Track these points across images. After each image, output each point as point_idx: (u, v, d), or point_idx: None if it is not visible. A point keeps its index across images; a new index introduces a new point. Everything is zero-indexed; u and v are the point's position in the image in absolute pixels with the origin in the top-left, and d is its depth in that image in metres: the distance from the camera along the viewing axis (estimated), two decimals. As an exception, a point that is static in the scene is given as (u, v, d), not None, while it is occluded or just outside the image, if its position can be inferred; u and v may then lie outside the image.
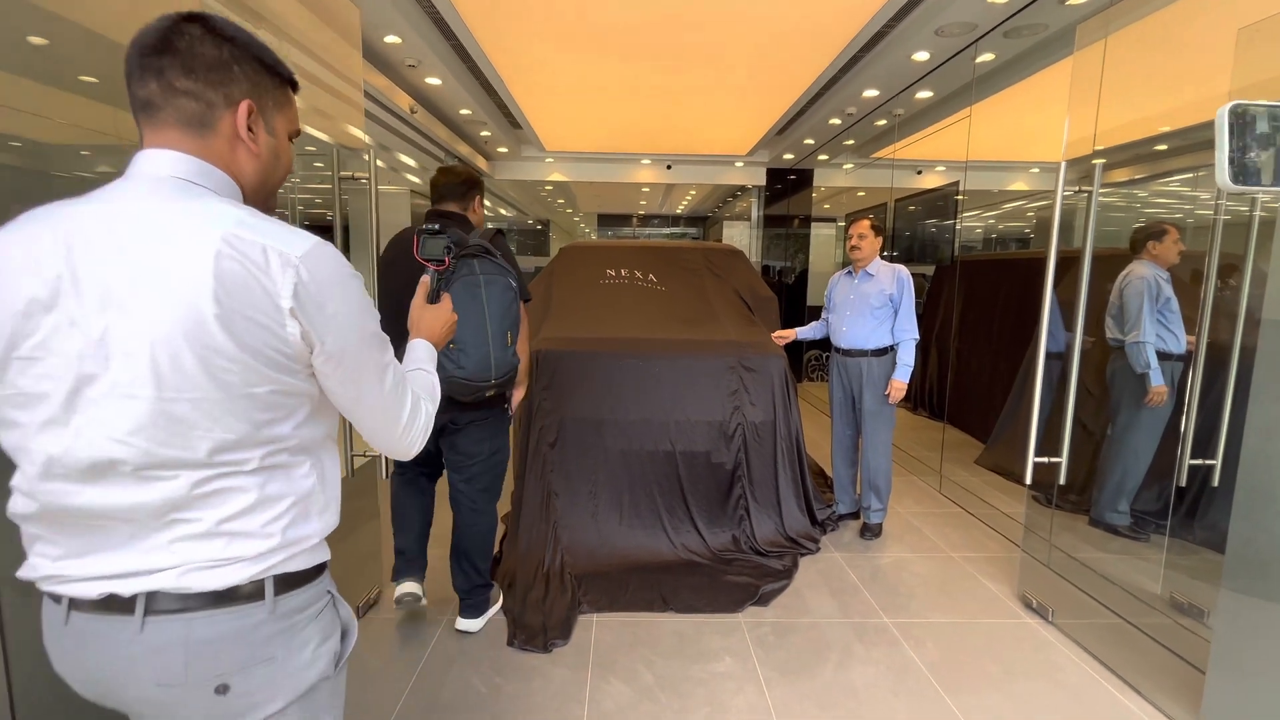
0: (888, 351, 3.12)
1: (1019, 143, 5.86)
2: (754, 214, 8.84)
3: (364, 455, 2.32)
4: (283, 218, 0.83)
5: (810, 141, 6.37)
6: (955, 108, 4.64)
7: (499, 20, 3.73)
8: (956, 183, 5.03)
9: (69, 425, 0.73)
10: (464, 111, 5.31)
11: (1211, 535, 2.45)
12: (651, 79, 4.83)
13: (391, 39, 3.68)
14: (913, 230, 6.54)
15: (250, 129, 0.81)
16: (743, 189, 9.08)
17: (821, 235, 8.90)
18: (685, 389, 3.03)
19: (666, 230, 13.72)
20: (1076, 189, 2.62)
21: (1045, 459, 2.53)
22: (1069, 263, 2.59)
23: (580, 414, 2.98)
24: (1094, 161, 2.58)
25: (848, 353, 3.20)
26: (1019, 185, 6.78)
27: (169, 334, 0.72)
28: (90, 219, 0.74)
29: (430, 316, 1.18)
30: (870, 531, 3.25)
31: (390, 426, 0.89)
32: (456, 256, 1.43)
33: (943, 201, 5.81)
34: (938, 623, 2.48)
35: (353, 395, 0.84)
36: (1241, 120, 0.84)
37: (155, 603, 0.76)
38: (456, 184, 2.24)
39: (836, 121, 5.49)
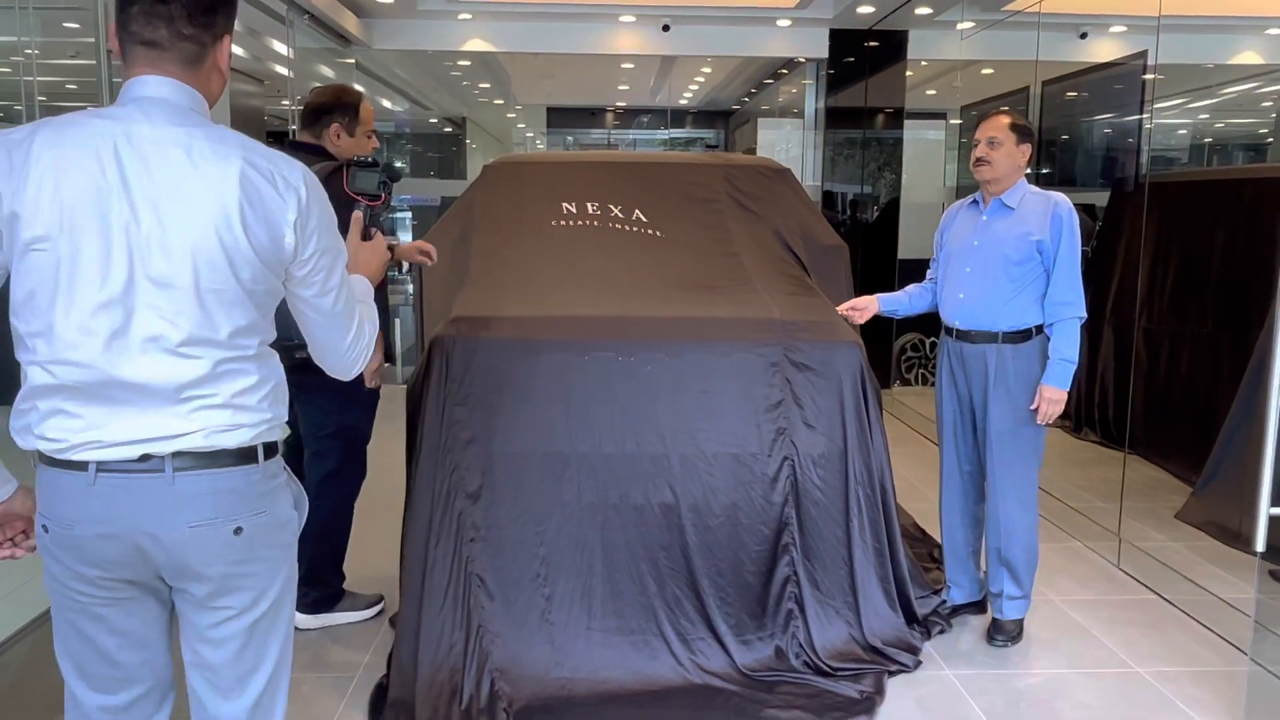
0: (1032, 336, 3.17)
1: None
2: (809, 107, 8.89)
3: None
4: (10, 113, 1.20)
5: (902, -14, 6.41)
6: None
7: None
8: (1144, 53, 5.09)
9: (125, 305, 1.39)
10: (319, -64, 5.28)
11: None
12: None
13: None
14: (1073, 133, 6.61)
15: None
16: (791, 65, 9.10)
17: (923, 141, 9.00)
18: (696, 401, 3.05)
19: (663, 134, 13.73)
20: None
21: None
22: None
23: (520, 445, 3.00)
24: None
25: (966, 335, 3.25)
26: (1247, 57, 6.87)
27: (204, 235, 1.40)
28: (128, 135, 1.40)
29: (366, 255, 1.91)
30: (1004, 635, 3.31)
31: (339, 340, 1.65)
32: (389, 190, 2.02)
33: (1122, 84, 5.88)
34: (1115, 783, 2.53)
35: (314, 303, 1.59)
36: None
37: (181, 463, 1.45)
38: (308, 109, 3.15)
39: (946, -50, 5.53)
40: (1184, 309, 5.53)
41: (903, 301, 3.51)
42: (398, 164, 2.57)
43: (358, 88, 3.43)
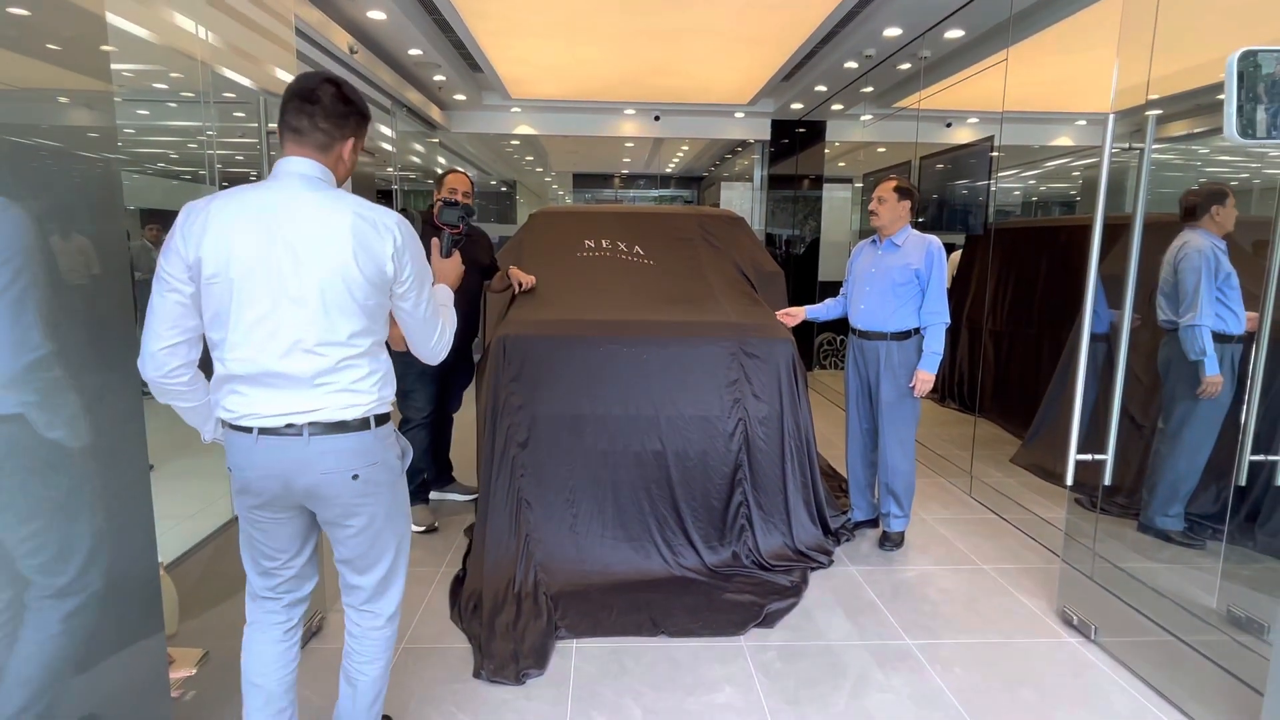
0: (911, 335, 3.17)
1: (1063, 92, 5.91)
2: (757, 174, 8.85)
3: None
4: (197, 176, 1.12)
5: (822, 89, 6.37)
6: (990, 50, 4.67)
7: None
8: (991, 138, 5.08)
9: (275, 319, 1.46)
10: (413, 52, 5.25)
11: (1274, 542, 2.53)
12: (636, 22, 4.81)
13: (326, -35, 3.63)
14: (941, 193, 6.58)
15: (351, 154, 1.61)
16: (743, 144, 9.07)
17: (836, 198, 8.95)
18: (677, 379, 3.06)
19: (655, 193, 13.69)
20: (1127, 145, 2.66)
21: (1089, 456, 2.59)
22: (1117, 231, 2.64)
23: (555, 409, 3.00)
24: (1147, 114, 2.62)
25: (865, 334, 3.25)
26: (1063, 140, 6.84)
27: (327, 267, 1.46)
28: (278, 200, 1.47)
29: (446, 267, 1.96)
30: (890, 541, 3.32)
31: (428, 336, 1.70)
32: (466, 222, 2.08)
33: (975, 160, 5.86)
34: (967, 643, 2.55)
35: (411, 311, 1.63)
36: (1253, 68, 0.86)
37: (314, 429, 1.51)
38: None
39: (853, 65, 5.50)
40: (1017, 316, 5.53)
41: (822, 311, 3.50)
42: (472, 205, 2.50)
43: (449, 165, 3.43)
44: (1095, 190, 2.64)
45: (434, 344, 1.72)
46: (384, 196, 9.02)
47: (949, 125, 6.86)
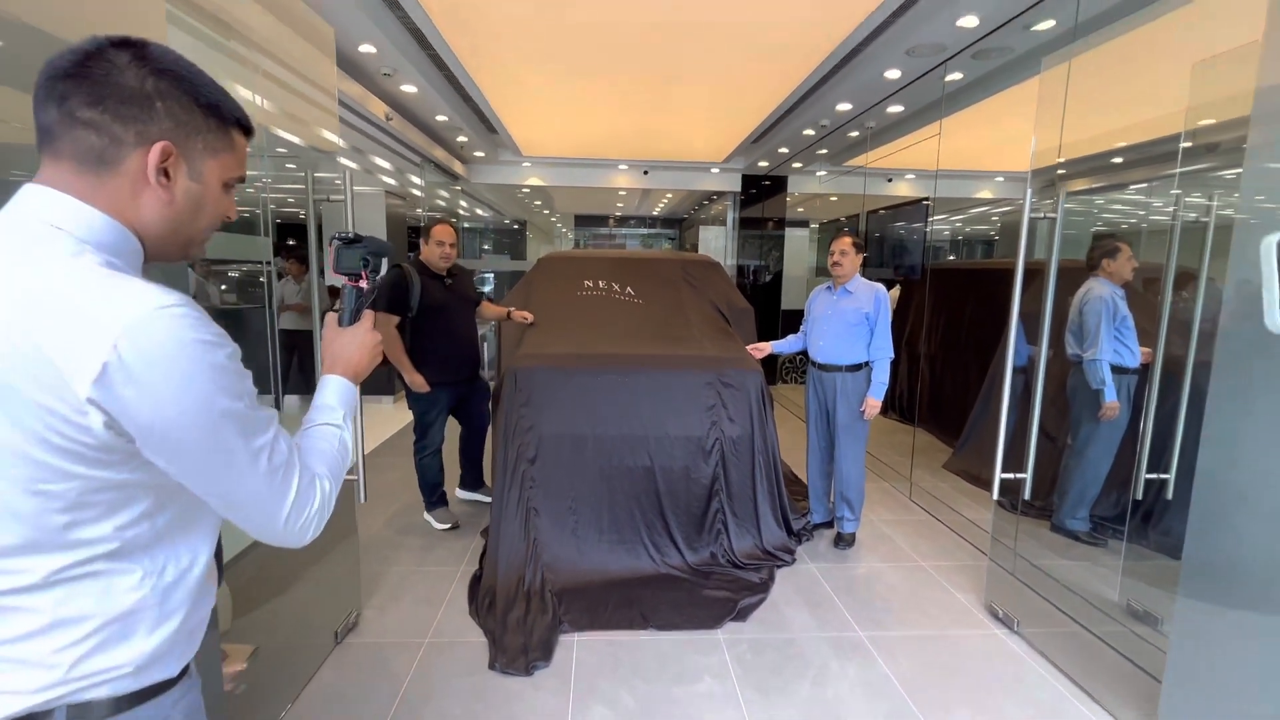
0: (862, 368, 3.16)
1: (987, 153, 5.97)
2: (730, 217, 8.87)
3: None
4: (253, 217, 0.92)
5: (785, 150, 6.40)
6: (925, 121, 4.70)
7: (475, 35, 3.67)
8: (927, 199, 5.10)
9: None
10: (440, 118, 5.22)
11: (1166, 540, 2.54)
12: (628, 94, 4.83)
13: (367, 49, 3.60)
14: (886, 239, 6.61)
15: (166, 173, 0.69)
16: (719, 194, 9.09)
17: (795, 238, 8.99)
18: (664, 405, 3.02)
19: (644, 230, 13.71)
20: (1048, 201, 2.69)
21: (1011, 475, 2.59)
22: (1031, 275, 2.64)
23: (559, 430, 2.96)
24: (1059, 173, 2.64)
25: (824, 367, 3.24)
26: (986, 193, 6.91)
27: None
28: None
29: (344, 343, 0.96)
30: (844, 542, 3.29)
31: (268, 520, 0.72)
32: (374, 273, 1.05)
33: (914, 212, 5.89)
34: (910, 635, 2.52)
35: (207, 488, 0.68)
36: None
37: None
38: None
39: (810, 132, 5.53)
40: (949, 342, 5.55)
41: (785, 345, 3.47)
42: (385, 243, 1.10)
43: (439, 215, 3.40)
44: (1013, 233, 2.67)
45: (282, 528, 0.74)
46: (413, 231, 9.00)
47: (890, 180, 6.91)
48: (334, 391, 0.91)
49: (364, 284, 1.04)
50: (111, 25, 0.79)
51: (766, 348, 3.40)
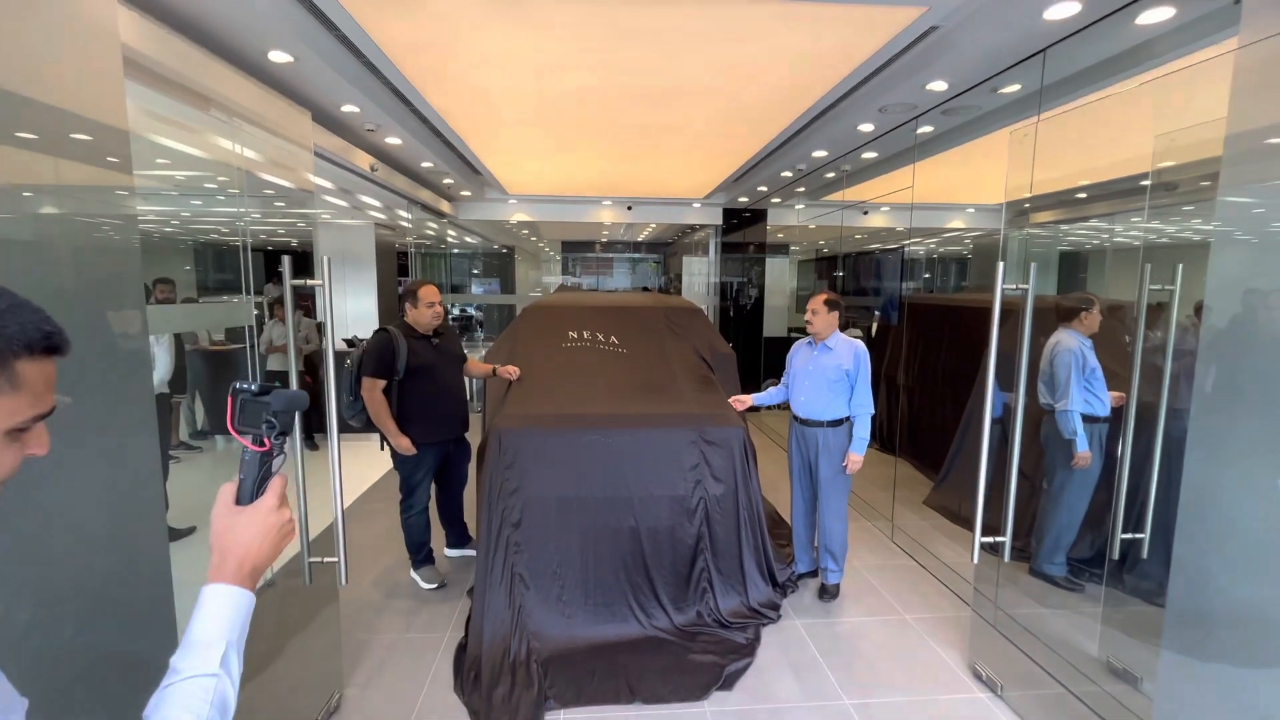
0: (844, 423, 3.11)
1: (959, 187, 6.00)
2: (713, 243, 8.84)
3: (320, 560, 2.21)
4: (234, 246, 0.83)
5: (764, 189, 6.40)
6: (899, 165, 4.71)
7: (458, 98, 3.62)
8: (903, 246, 5.09)
9: None
10: (425, 165, 5.16)
11: (1143, 585, 2.49)
12: (610, 147, 4.81)
13: (349, 109, 3.53)
14: (865, 275, 6.61)
15: None
16: (701, 226, 9.09)
17: (776, 265, 9.00)
18: (648, 465, 2.95)
19: (630, 255, 13.68)
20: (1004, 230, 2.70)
21: (990, 539, 2.54)
22: (1004, 313, 2.59)
23: (544, 492, 2.88)
24: (1025, 206, 2.62)
25: (805, 422, 3.18)
26: (959, 223, 6.96)
27: None
28: None
29: (241, 529, 0.72)
30: (828, 594, 3.23)
31: None
32: (281, 435, 0.83)
33: (892, 255, 5.89)
34: (895, 702, 2.45)
35: None
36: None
37: None
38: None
39: (788, 174, 5.54)
40: (926, 373, 5.54)
41: (766, 398, 3.42)
42: (301, 394, 0.84)
43: (423, 279, 3.37)
44: (985, 254, 2.68)
45: None
46: (401, 255, 8.90)
47: (866, 213, 6.94)
48: (215, 615, 0.65)
49: (270, 450, 0.81)
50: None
51: (748, 400, 3.34)
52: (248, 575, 0.71)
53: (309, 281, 2.06)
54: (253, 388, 0.84)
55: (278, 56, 2.73)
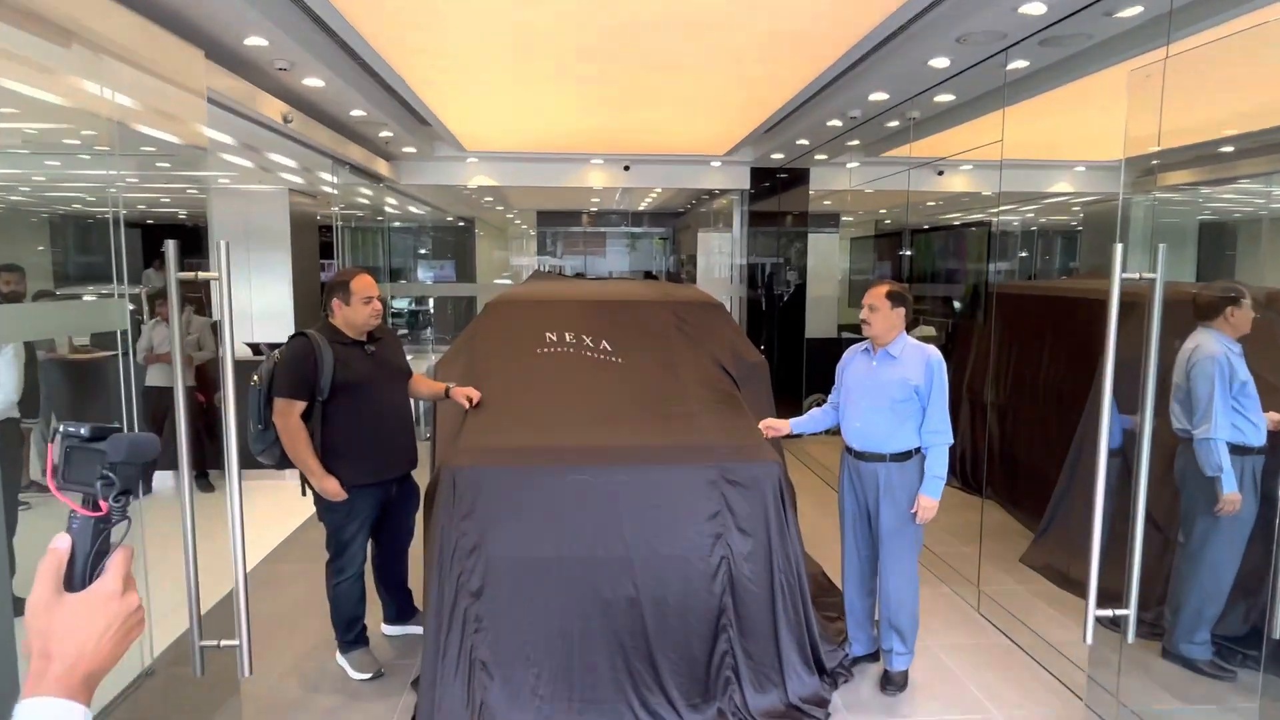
0: (912, 456, 3.11)
1: (1064, 139, 6.04)
2: (737, 216, 8.87)
3: (216, 644, 2.22)
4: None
5: (804, 142, 6.43)
6: (983, 111, 4.73)
7: (399, 26, 3.64)
8: (989, 217, 5.11)
9: None
10: (356, 113, 5.19)
11: None
12: (602, 88, 4.83)
13: (255, 42, 3.55)
14: (934, 248, 6.63)
15: None
16: (722, 191, 9.12)
17: (821, 243, 9.03)
18: (651, 513, 2.95)
19: (626, 230, 13.72)
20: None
21: (1109, 613, 2.54)
22: (1125, 305, 2.57)
23: (513, 551, 2.88)
24: (1154, 164, 2.63)
25: (861, 455, 3.18)
26: (1063, 186, 7.00)
27: None
28: None
29: (71, 620, 0.71)
30: (893, 685, 3.23)
31: None
32: (123, 495, 0.81)
33: (974, 227, 5.91)
34: (984, 831, 2.44)
35: None
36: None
37: None
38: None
39: (837, 123, 5.57)
40: (1025, 385, 5.54)
41: (808, 424, 3.43)
42: (144, 436, 0.83)
43: (355, 268, 3.37)
44: (1099, 226, 2.70)
45: None
46: (325, 231, 8.95)
47: (941, 173, 6.97)
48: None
49: (108, 515, 0.78)
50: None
51: (784, 426, 3.35)
52: (79, 684, 0.68)
53: (201, 275, 2.07)
54: (82, 430, 0.81)
55: (160, -25, 2.76)
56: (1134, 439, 2.63)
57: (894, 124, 5.49)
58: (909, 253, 6.15)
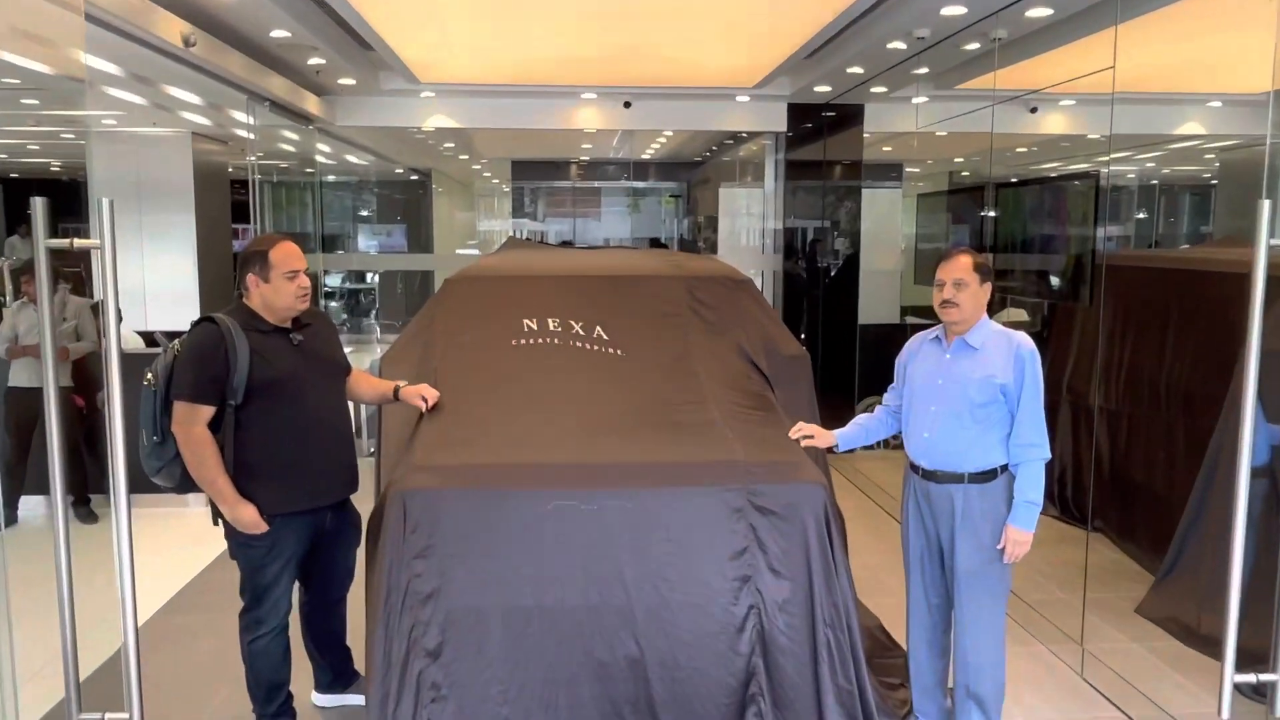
0: (997, 475, 3.12)
1: (1193, 67, 6.02)
2: (770, 166, 8.87)
3: (100, 717, 2.23)
4: None
5: (858, 71, 6.42)
6: (1088, 31, 4.73)
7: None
8: (1097, 175, 5.10)
9: None
10: (277, 34, 5.21)
11: None
12: (599, 4, 4.82)
13: (146, -60, 3.56)
14: (1026, 208, 6.60)
15: None
16: (750, 134, 9.12)
17: (879, 201, 9.05)
18: (659, 550, 2.95)
19: (627, 184, 13.72)
20: None
21: (1252, 677, 2.54)
22: (1274, 281, 2.55)
23: (481, 599, 2.89)
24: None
25: (931, 475, 3.19)
26: (1193, 127, 7.00)
27: None
28: None
29: None
30: (973, 771, 3.23)
31: None
32: None
33: (1077, 180, 5.90)
34: None
35: None
36: None
37: None
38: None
39: (900, 45, 5.56)
40: (1143, 388, 5.52)
41: (858, 435, 3.45)
42: None
43: (277, 234, 3.37)
44: (1235, 190, 2.68)
45: None
46: (240, 187, 8.96)
47: (1034, 110, 6.97)
48: None
49: None
50: None
51: (828, 438, 3.34)
52: None
53: (78, 244, 2.07)
54: None
55: None
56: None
57: (973, 46, 5.50)
58: (992, 213, 6.14)
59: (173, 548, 5.39)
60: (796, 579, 3.01)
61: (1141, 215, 7.59)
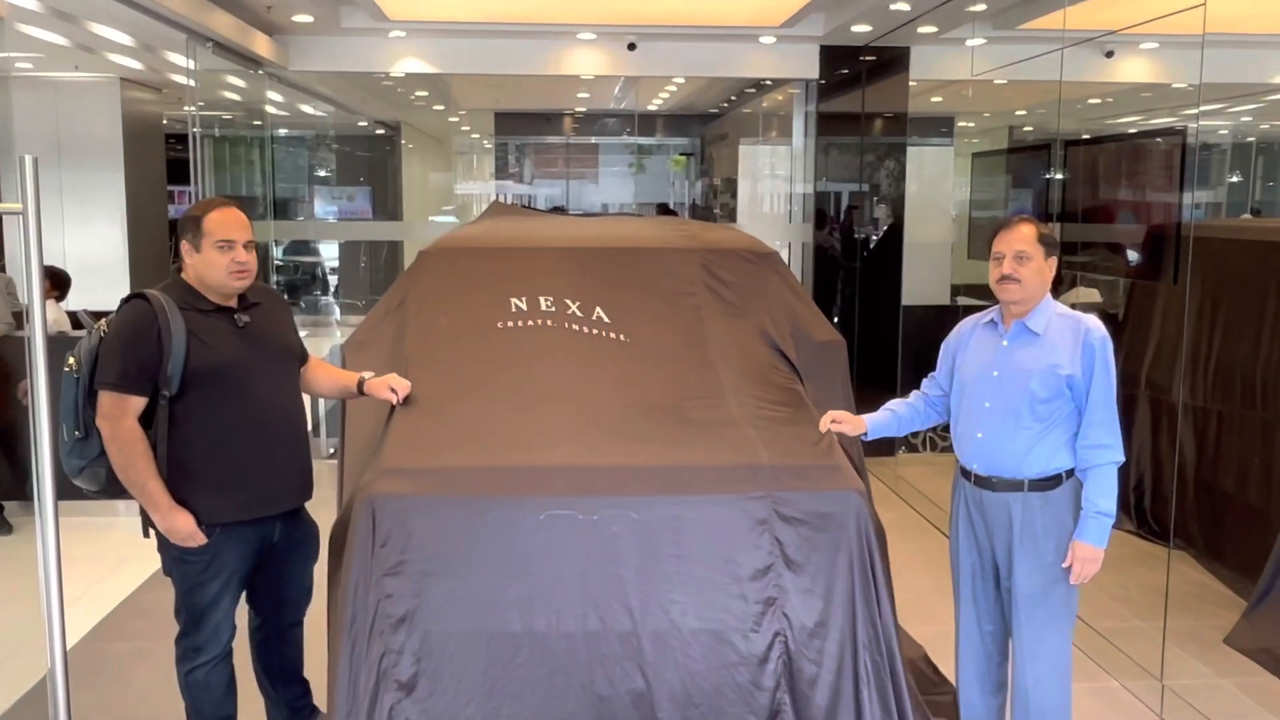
0: (1062, 482, 3.14)
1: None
2: (799, 121, 8.86)
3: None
4: None
5: (904, 7, 6.40)
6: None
7: None
8: (1185, 131, 5.10)
9: None
10: (223, -38, 5.21)
11: None
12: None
13: None
14: (1099, 170, 6.60)
15: None
16: (775, 81, 9.11)
17: (928, 162, 9.04)
18: (668, 567, 2.98)
19: (631, 141, 13.72)
20: None
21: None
22: None
23: (463, 623, 2.92)
24: None
25: (985, 481, 3.21)
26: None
27: None
28: None
29: None
30: (1032, 824, 3.27)
31: None
32: None
33: (1160, 137, 5.91)
34: None
35: None
36: None
37: None
38: None
39: (952, -25, 5.55)
40: (1234, 381, 5.53)
41: (890, 423, 3.48)
42: None
43: (217, 198, 3.40)
44: None
45: None
46: (177, 142, 8.94)
47: (1110, 55, 6.96)
48: None
49: None
50: None
51: (858, 424, 3.38)
52: None
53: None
54: None
55: None
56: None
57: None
58: (1060, 176, 6.15)
59: (103, 564, 5.41)
60: (829, 600, 3.04)
61: (1235, 178, 7.59)
